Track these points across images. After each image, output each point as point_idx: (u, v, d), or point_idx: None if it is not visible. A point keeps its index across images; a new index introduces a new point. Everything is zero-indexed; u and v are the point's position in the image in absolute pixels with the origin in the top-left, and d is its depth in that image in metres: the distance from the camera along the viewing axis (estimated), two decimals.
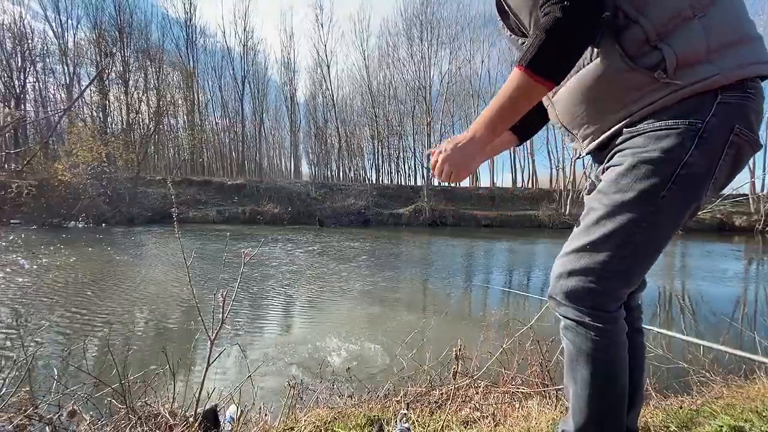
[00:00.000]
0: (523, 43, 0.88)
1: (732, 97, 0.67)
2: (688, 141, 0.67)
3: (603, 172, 0.81)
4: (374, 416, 1.46)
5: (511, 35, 0.93)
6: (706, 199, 0.75)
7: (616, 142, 0.77)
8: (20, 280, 5.70)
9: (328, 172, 34.38)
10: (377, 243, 12.38)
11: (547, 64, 0.69)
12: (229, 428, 1.41)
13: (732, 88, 0.67)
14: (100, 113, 24.66)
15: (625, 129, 0.75)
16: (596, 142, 0.83)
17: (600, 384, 0.79)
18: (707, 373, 2.17)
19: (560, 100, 0.86)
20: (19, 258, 7.52)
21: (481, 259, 9.87)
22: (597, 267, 0.75)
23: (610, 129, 0.78)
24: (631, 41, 0.69)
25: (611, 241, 0.74)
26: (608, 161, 0.79)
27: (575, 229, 0.83)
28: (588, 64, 0.76)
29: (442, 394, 1.80)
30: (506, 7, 0.86)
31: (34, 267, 6.70)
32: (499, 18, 0.93)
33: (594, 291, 0.76)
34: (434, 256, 10.05)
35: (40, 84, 24.51)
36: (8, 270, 6.30)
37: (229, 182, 22.58)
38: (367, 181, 28.26)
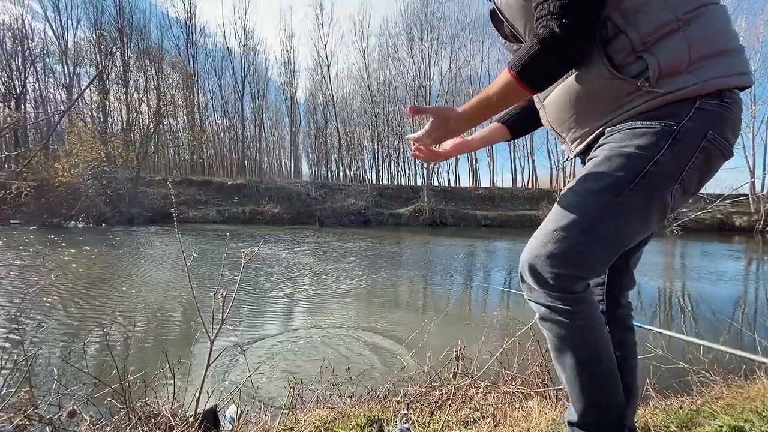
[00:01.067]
0: (518, 49, 0.90)
1: (709, 104, 0.70)
2: (662, 140, 0.71)
3: None
4: (374, 416, 1.46)
5: (505, 42, 0.97)
6: (678, 205, 0.78)
7: (599, 142, 0.82)
8: (20, 280, 5.70)
9: (328, 172, 34.39)
10: (377, 243, 12.38)
11: (535, 74, 0.74)
12: (229, 428, 1.41)
13: (710, 96, 0.70)
14: (100, 113, 24.66)
15: (606, 129, 0.80)
16: (583, 144, 0.87)
17: (586, 365, 0.81)
18: (707, 373, 2.17)
19: (550, 104, 0.90)
20: (19, 258, 7.52)
21: (481, 259, 9.87)
22: (562, 252, 0.77)
23: (594, 132, 0.83)
24: (617, 51, 0.73)
25: (577, 227, 0.77)
26: (589, 158, 0.84)
27: (547, 216, 0.86)
28: (574, 72, 0.80)
29: (442, 394, 1.80)
30: (501, 17, 0.90)
31: (34, 267, 6.70)
32: (493, 26, 0.97)
33: (559, 275, 0.77)
34: (434, 256, 10.05)
35: (40, 84, 24.53)
36: (8, 270, 6.29)
37: (229, 182, 22.58)
38: (367, 181, 28.26)
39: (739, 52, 0.73)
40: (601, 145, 0.80)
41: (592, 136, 0.84)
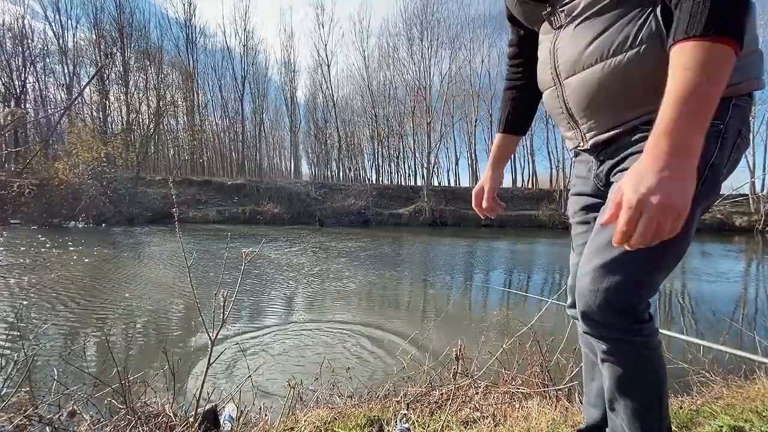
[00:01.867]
0: (549, 11, 0.79)
1: (742, 100, 0.68)
2: (713, 142, 0.65)
3: (610, 172, 0.78)
4: (374, 416, 1.46)
5: (523, 4, 0.85)
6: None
7: (631, 140, 0.72)
8: (20, 280, 5.70)
9: (328, 172, 34.40)
10: (377, 243, 12.38)
11: (743, 24, 0.52)
12: (229, 428, 1.41)
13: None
14: (100, 113, 24.67)
15: (642, 126, 0.70)
16: (604, 135, 0.76)
17: (659, 394, 0.78)
18: (707, 373, 2.17)
19: (579, 83, 0.75)
20: (19, 258, 7.52)
21: (481, 259, 9.87)
22: (634, 279, 0.71)
23: (623, 124, 0.72)
24: None
25: (646, 251, 0.69)
26: (622, 161, 0.75)
27: (598, 237, 0.75)
28: (628, 50, 0.67)
29: (442, 394, 1.80)
30: None
31: (34, 267, 6.70)
32: None
33: (634, 304, 0.72)
34: (434, 256, 10.05)
35: (40, 84, 24.55)
36: (8, 270, 6.29)
37: (229, 182, 22.58)
38: (367, 181, 28.26)
39: (761, 52, 0.70)
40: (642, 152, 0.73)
41: (618, 130, 0.73)
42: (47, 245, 9.38)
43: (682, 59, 0.52)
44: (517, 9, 0.88)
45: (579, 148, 0.85)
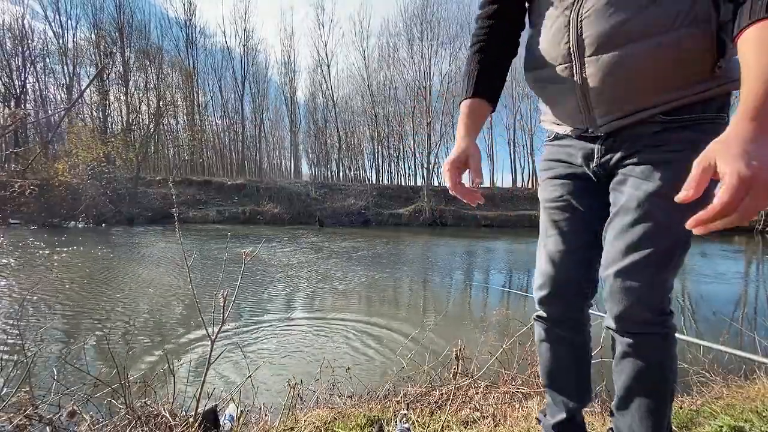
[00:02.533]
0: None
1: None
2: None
3: (620, 163, 0.76)
4: (374, 416, 1.46)
5: None
6: None
7: (651, 132, 0.71)
8: (20, 280, 5.70)
9: (328, 172, 34.38)
10: (377, 243, 12.37)
11: None
12: (229, 428, 1.41)
13: None
14: (100, 113, 24.67)
15: (663, 116, 0.69)
16: (623, 122, 0.73)
17: (672, 390, 0.79)
18: (707, 373, 2.17)
19: (610, 60, 0.68)
20: (19, 258, 7.52)
21: (481, 259, 9.87)
22: (666, 272, 0.73)
23: (646, 110, 0.70)
24: (727, 27, 0.61)
25: (679, 248, 0.71)
26: (636, 154, 0.73)
27: (629, 232, 0.72)
28: (680, 27, 0.63)
29: (442, 394, 1.80)
30: None
31: (34, 267, 6.70)
32: None
33: (665, 297, 0.74)
34: (434, 256, 10.05)
35: (40, 84, 24.54)
36: (8, 270, 6.29)
37: (229, 182, 22.57)
38: (367, 181, 28.26)
39: None
40: (663, 144, 0.70)
41: (638, 117, 0.71)
42: (47, 245, 9.38)
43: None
44: None
45: (580, 133, 0.81)
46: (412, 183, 29.63)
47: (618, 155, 0.76)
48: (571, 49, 0.72)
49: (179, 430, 1.26)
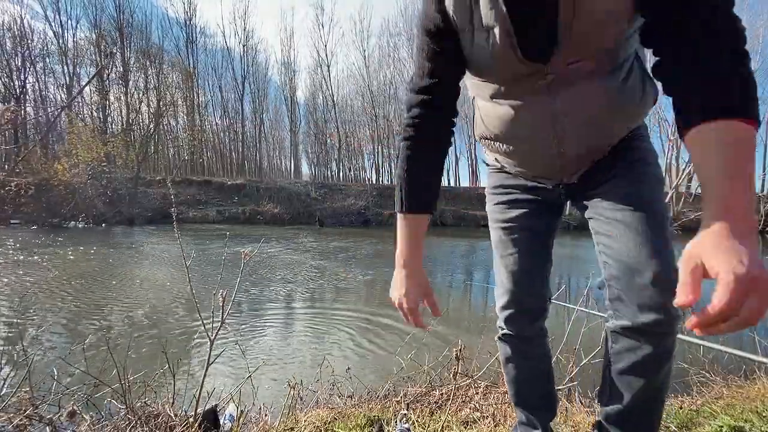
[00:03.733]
0: (548, 74, 0.69)
1: None
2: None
3: (582, 190, 0.87)
4: (374, 416, 1.46)
5: (516, 65, 0.69)
6: None
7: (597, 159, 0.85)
8: (20, 280, 5.70)
9: (328, 172, 34.39)
10: (377, 243, 12.38)
11: (755, 101, 0.52)
12: (229, 428, 1.41)
13: None
14: (100, 113, 24.67)
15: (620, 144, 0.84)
16: (588, 167, 0.86)
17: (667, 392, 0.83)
18: (707, 373, 2.17)
19: (587, 132, 0.77)
20: (18, 258, 7.52)
21: (480, 259, 9.86)
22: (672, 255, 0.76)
23: (601, 152, 0.84)
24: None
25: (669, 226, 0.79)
26: (591, 179, 0.85)
27: (642, 221, 0.75)
28: (633, 98, 0.76)
29: (442, 394, 1.80)
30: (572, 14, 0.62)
31: (34, 267, 6.70)
32: (513, 32, 0.65)
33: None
34: (434, 256, 10.05)
35: (40, 84, 24.55)
36: (8, 270, 6.29)
37: (229, 182, 22.57)
38: (367, 181, 28.26)
39: None
40: (618, 151, 0.82)
41: (597, 158, 0.84)
42: (47, 245, 9.38)
43: (733, 137, 0.49)
44: (497, 63, 0.71)
45: (554, 185, 0.91)
46: None
47: (587, 181, 0.87)
48: (548, 131, 0.77)
49: (179, 430, 1.26)
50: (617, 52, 0.69)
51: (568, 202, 0.95)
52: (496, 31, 0.66)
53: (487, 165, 1.04)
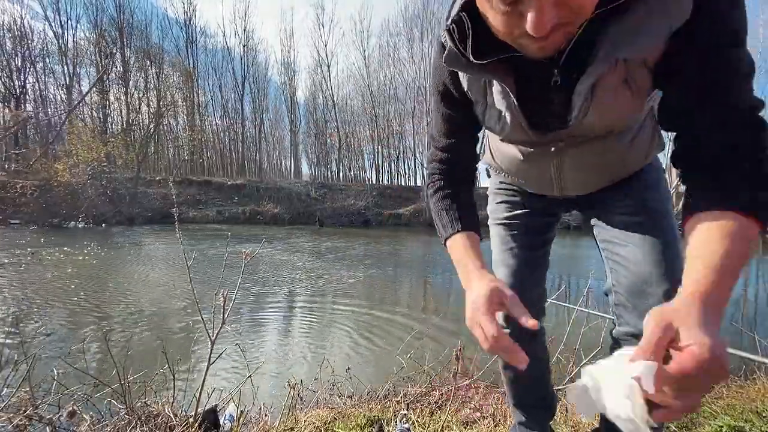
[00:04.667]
0: (554, 137, 0.72)
1: None
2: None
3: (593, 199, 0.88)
4: (374, 416, 1.46)
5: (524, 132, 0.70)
6: None
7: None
8: (20, 280, 5.70)
9: (328, 172, 34.38)
10: (377, 243, 12.38)
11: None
12: (229, 428, 1.41)
13: None
14: (100, 113, 24.67)
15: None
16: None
17: None
18: None
19: (583, 181, 0.83)
20: (19, 258, 7.52)
21: None
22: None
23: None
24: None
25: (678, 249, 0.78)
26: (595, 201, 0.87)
27: (652, 230, 0.77)
28: (633, 153, 0.78)
29: (442, 394, 1.80)
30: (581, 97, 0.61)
31: (34, 267, 6.70)
32: (517, 107, 0.65)
33: None
34: (434, 256, 10.04)
35: (40, 84, 24.53)
36: (8, 270, 6.29)
37: (229, 182, 22.58)
38: (367, 181, 28.26)
39: None
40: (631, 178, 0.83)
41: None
42: (47, 245, 9.38)
43: (734, 229, 0.49)
44: (508, 134, 0.73)
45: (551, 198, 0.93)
46: (412, 183, 29.66)
47: (594, 202, 0.88)
48: (554, 181, 0.83)
49: (179, 430, 1.26)
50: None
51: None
52: (508, 117, 0.68)
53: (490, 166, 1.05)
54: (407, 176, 31.48)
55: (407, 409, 1.53)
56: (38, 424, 1.22)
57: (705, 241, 0.51)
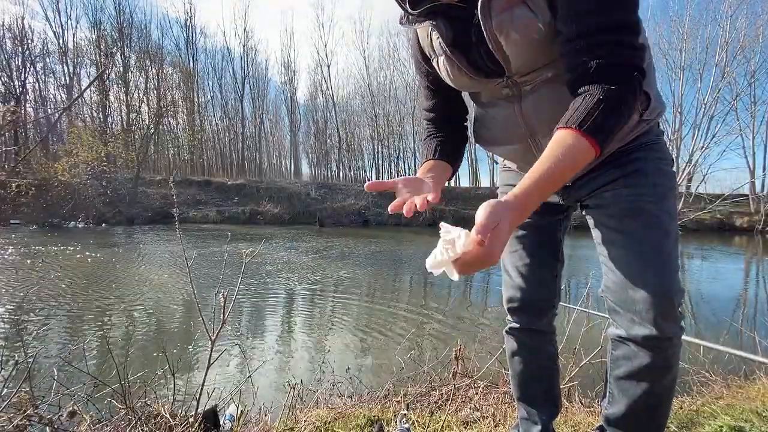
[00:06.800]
0: (502, 83, 0.75)
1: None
2: (665, 147, 0.84)
3: (587, 192, 0.86)
4: (374, 416, 1.46)
5: (471, 78, 0.77)
6: None
7: (595, 175, 0.84)
8: (20, 280, 5.70)
9: (328, 172, 34.36)
10: (377, 243, 12.38)
11: (610, 127, 0.59)
12: (229, 428, 1.41)
13: None
14: (100, 113, 24.66)
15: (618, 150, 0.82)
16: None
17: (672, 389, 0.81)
18: (707, 373, 2.17)
19: (554, 122, 0.86)
20: (19, 258, 7.52)
21: None
22: (676, 272, 0.74)
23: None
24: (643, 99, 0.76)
25: (676, 239, 0.78)
26: (593, 185, 0.84)
27: (639, 244, 0.75)
28: None
29: (442, 394, 1.80)
30: (488, 34, 0.67)
31: (34, 267, 6.70)
32: (450, 51, 0.73)
33: (681, 298, 0.74)
34: None
35: (40, 84, 24.52)
36: (8, 270, 6.29)
37: (229, 182, 22.57)
38: (367, 181, 28.20)
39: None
40: (621, 162, 0.81)
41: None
42: (47, 245, 9.38)
43: (567, 143, 0.58)
44: (458, 81, 0.79)
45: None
46: None
47: (582, 189, 0.87)
48: (523, 132, 0.81)
49: (179, 430, 1.26)
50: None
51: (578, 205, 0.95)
52: (446, 62, 0.76)
53: (497, 163, 1.07)
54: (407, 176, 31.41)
55: (407, 409, 1.53)
56: (38, 424, 1.22)
57: (543, 155, 0.59)
